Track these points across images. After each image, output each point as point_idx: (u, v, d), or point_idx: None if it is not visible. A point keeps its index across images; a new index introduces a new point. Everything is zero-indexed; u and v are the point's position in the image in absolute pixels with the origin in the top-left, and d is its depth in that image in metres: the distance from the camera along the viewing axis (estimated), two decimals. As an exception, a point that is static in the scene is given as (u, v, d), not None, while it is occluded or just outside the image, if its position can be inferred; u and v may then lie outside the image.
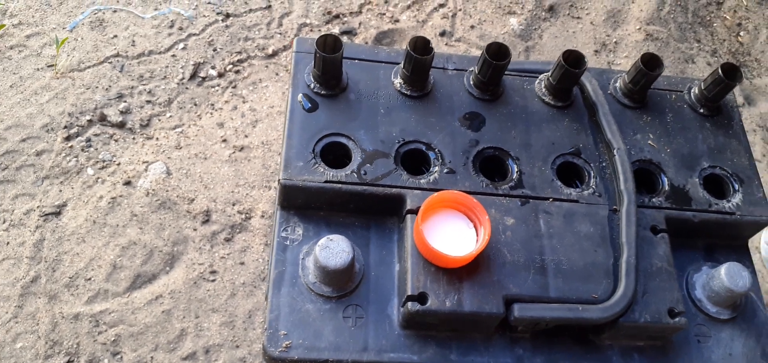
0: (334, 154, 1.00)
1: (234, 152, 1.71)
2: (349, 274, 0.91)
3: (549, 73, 1.10)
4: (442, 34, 2.07)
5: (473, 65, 1.10)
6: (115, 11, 1.96)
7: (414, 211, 0.94)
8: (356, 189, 0.95)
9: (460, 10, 2.14)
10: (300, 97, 1.02)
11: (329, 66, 0.99)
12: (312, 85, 1.03)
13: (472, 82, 1.07)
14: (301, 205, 0.99)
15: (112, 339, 1.42)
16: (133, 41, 1.89)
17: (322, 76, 1.01)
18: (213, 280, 1.52)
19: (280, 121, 1.79)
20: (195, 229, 1.57)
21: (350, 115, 1.02)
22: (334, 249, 0.89)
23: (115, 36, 1.90)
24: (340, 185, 0.95)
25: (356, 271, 0.94)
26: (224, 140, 1.73)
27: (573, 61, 1.06)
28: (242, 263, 1.55)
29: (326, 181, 0.95)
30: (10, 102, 1.73)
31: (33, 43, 1.86)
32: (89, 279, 1.49)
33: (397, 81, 1.05)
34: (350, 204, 0.98)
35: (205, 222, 1.59)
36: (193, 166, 1.67)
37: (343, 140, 0.99)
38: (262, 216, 1.62)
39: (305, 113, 1.01)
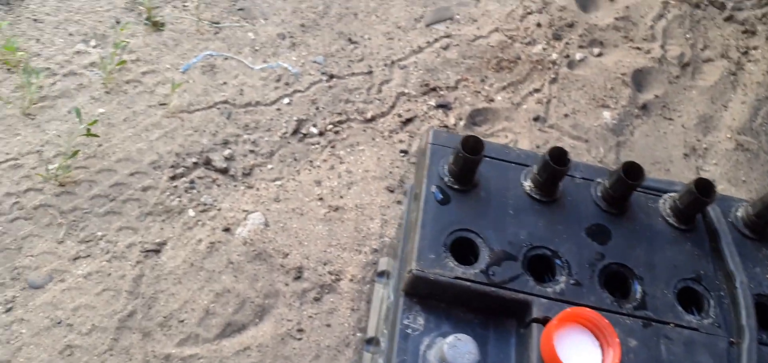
0: (462, 249, 1.02)
1: (329, 211, 1.75)
2: (471, 374, 0.92)
3: (676, 196, 1.10)
4: (536, 118, 2.08)
5: (601, 176, 1.11)
6: (226, 59, 2.05)
7: (540, 321, 0.94)
8: (484, 289, 0.96)
9: (554, 97, 2.15)
10: (433, 188, 1.05)
11: (469, 165, 1.01)
12: (446, 179, 1.06)
13: (600, 194, 1.08)
14: (426, 295, 1.00)
15: (199, 384, 1.45)
16: (242, 90, 1.97)
17: (459, 172, 1.03)
18: (299, 339, 1.54)
19: (373, 186, 1.83)
20: (287, 284, 1.60)
21: (480, 211, 1.03)
22: (461, 349, 0.90)
23: (225, 83, 1.98)
24: (469, 283, 0.96)
25: (476, 371, 0.94)
26: (320, 198, 1.77)
27: (703, 189, 1.06)
28: (329, 325, 1.57)
29: (456, 278, 0.96)
30: (122, 135, 1.82)
31: (148, 80, 1.95)
32: (182, 321, 1.53)
33: (528, 184, 1.06)
34: (474, 302, 0.99)
35: (297, 278, 1.62)
36: (289, 221, 1.71)
37: (473, 237, 1.01)
38: (351, 279, 1.64)
39: (437, 205, 1.04)
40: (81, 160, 1.73)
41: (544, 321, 0.94)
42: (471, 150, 1.00)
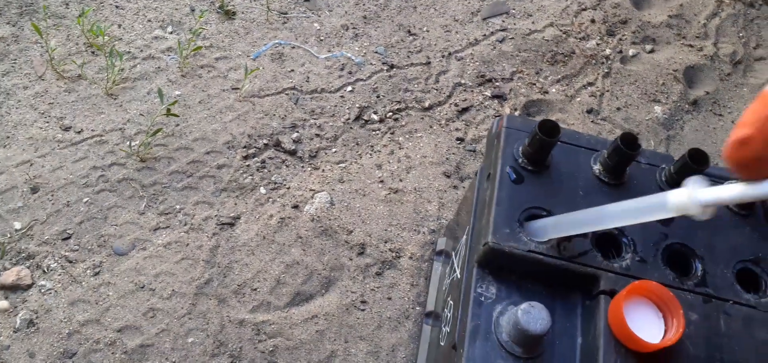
0: (535, 226, 1.09)
1: (389, 193, 1.84)
2: (541, 340, 1.00)
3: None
4: (589, 111, 2.13)
5: (666, 162, 1.17)
6: (293, 48, 2.15)
7: (607, 293, 1.02)
8: (556, 263, 1.04)
9: (607, 90, 2.20)
10: (508, 168, 1.13)
11: (544, 148, 1.09)
12: (520, 160, 1.14)
13: (664, 179, 1.15)
14: (498, 267, 1.08)
15: (271, 349, 1.55)
16: (308, 78, 2.07)
17: (533, 154, 1.11)
18: (363, 310, 1.63)
19: (431, 171, 1.91)
20: (351, 259, 1.70)
21: (552, 191, 1.11)
22: (534, 315, 0.97)
23: (293, 70, 2.09)
24: (542, 257, 1.04)
25: (546, 338, 1.02)
26: (381, 181, 1.86)
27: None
28: (390, 298, 1.66)
29: (529, 251, 1.04)
30: (198, 116, 1.94)
31: (221, 65, 2.07)
32: (255, 289, 1.64)
33: (597, 167, 1.14)
34: (545, 274, 1.07)
35: (360, 254, 1.71)
36: (353, 200, 1.81)
37: (545, 215, 1.09)
38: (411, 257, 1.73)
39: (511, 184, 1.12)
40: (160, 138, 1.86)
41: (611, 293, 1.01)
42: (548, 132, 1.07)
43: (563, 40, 2.31)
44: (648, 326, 0.99)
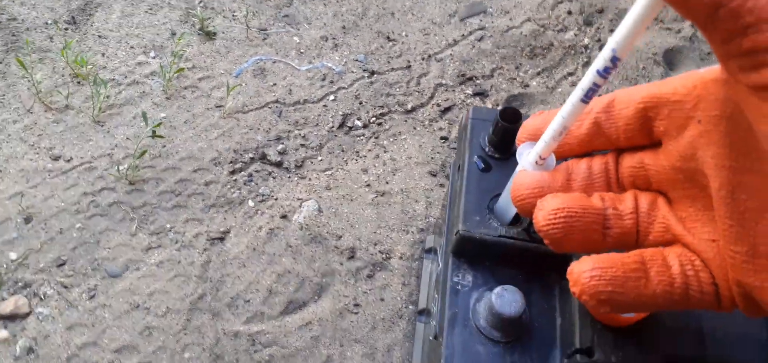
0: (505, 212, 1.12)
1: (376, 196, 1.87)
2: (519, 323, 1.02)
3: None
4: (570, 101, 2.16)
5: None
6: (275, 62, 2.19)
7: (579, 271, 1.04)
8: (526, 246, 1.06)
9: (588, 79, 2.23)
10: (475, 158, 1.16)
11: (507, 134, 1.12)
12: (486, 149, 1.16)
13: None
14: (472, 254, 1.10)
15: (267, 359, 1.58)
16: (290, 90, 2.11)
17: (498, 142, 1.14)
18: (356, 313, 1.66)
19: (416, 171, 1.94)
20: (341, 264, 1.73)
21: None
22: (508, 299, 1.00)
23: (275, 84, 2.13)
24: (512, 241, 1.06)
25: (523, 320, 1.04)
26: (368, 185, 1.89)
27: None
28: (382, 299, 1.68)
29: (500, 236, 1.07)
30: (184, 136, 1.97)
31: (204, 85, 2.11)
32: (248, 301, 1.66)
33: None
34: (517, 258, 1.09)
35: (351, 258, 1.74)
36: (340, 206, 1.83)
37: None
38: (401, 257, 1.75)
39: (479, 173, 1.14)
40: (148, 160, 1.89)
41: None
42: (509, 119, 1.10)
43: (541, 34, 2.34)
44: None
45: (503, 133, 1.12)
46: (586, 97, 0.49)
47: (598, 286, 0.47)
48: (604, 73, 0.48)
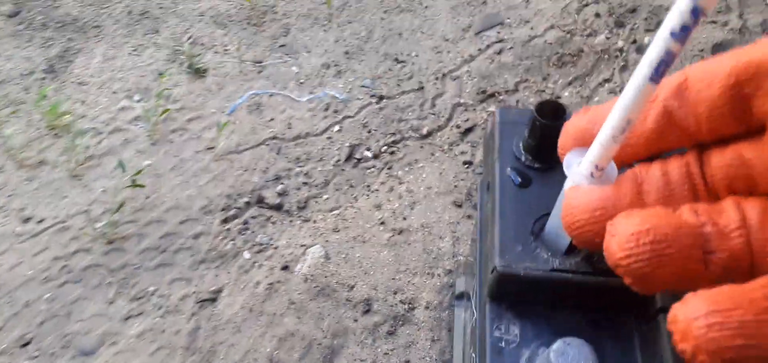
0: (554, 238, 0.84)
1: (393, 235, 1.60)
2: (587, 386, 0.74)
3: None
4: (609, 111, 1.88)
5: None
6: (271, 95, 1.96)
7: (668, 310, 0.75)
8: (589, 280, 0.78)
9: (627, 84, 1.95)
10: (509, 171, 0.89)
11: (548, 134, 0.85)
12: (523, 158, 0.89)
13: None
14: (516, 298, 0.83)
15: None
16: (290, 124, 1.87)
17: (537, 146, 0.86)
18: (375, 379, 1.37)
19: (438, 203, 1.67)
20: (355, 320, 1.45)
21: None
22: (573, 355, 0.71)
23: (272, 119, 1.89)
24: (569, 275, 0.78)
25: (593, 382, 0.75)
26: (382, 223, 1.62)
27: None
28: (408, 361, 1.39)
29: (553, 270, 0.79)
30: (170, 184, 1.73)
31: (193, 126, 1.88)
32: (245, 371, 1.39)
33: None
34: (578, 298, 0.81)
35: (366, 312, 1.46)
36: (351, 250, 1.56)
37: (567, 220, 0.83)
38: (427, 307, 1.47)
39: (517, 189, 0.87)
40: (129, 213, 1.65)
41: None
42: (550, 115, 0.83)
43: (568, 41, 2.08)
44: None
45: (543, 133, 0.84)
46: (657, 74, 0.36)
47: (720, 340, 0.32)
48: (682, 34, 0.34)
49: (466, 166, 1.75)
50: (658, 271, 0.37)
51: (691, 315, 0.33)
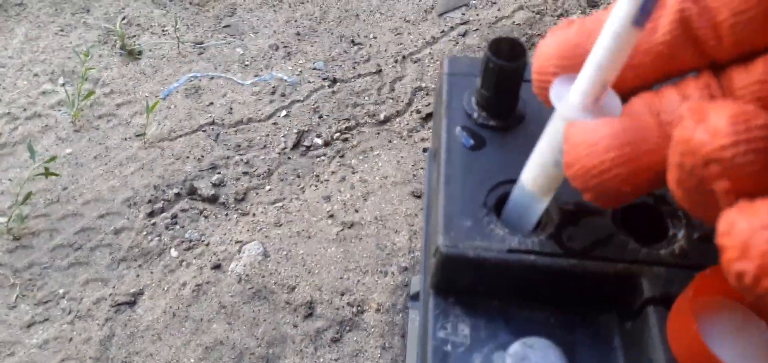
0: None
1: (342, 229, 1.41)
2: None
3: None
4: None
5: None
6: (212, 78, 1.77)
7: (657, 300, 0.58)
8: (559, 264, 0.60)
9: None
10: (457, 130, 0.71)
11: (505, 82, 0.67)
12: (475, 115, 0.71)
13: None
14: (467, 287, 0.64)
15: None
16: (231, 109, 1.68)
17: (493, 98, 0.68)
18: (316, 393, 1.18)
19: (395, 193, 1.49)
20: (295, 326, 1.26)
21: (531, 152, 0.68)
22: (535, 360, 0.54)
23: (211, 103, 1.69)
24: (533, 257, 0.60)
25: (562, 395, 0.58)
26: (331, 216, 1.44)
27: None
28: (353, 372, 1.21)
29: (511, 250, 0.61)
30: (92, 174, 1.53)
31: (123, 112, 1.68)
32: (165, 386, 1.19)
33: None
34: (545, 288, 0.63)
35: (308, 316, 1.27)
36: (294, 247, 1.38)
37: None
38: (378, 310, 1.29)
39: (468, 152, 0.69)
40: (41, 207, 1.45)
41: (664, 300, 0.57)
42: (507, 55, 0.65)
43: (538, 21, 1.93)
44: (746, 341, 0.56)
45: (499, 78, 0.67)
46: None
47: None
48: None
49: (426, 153, 1.58)
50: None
51: (759, 224, 0.25)
